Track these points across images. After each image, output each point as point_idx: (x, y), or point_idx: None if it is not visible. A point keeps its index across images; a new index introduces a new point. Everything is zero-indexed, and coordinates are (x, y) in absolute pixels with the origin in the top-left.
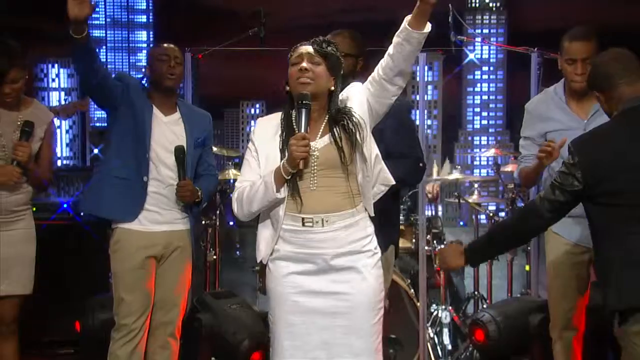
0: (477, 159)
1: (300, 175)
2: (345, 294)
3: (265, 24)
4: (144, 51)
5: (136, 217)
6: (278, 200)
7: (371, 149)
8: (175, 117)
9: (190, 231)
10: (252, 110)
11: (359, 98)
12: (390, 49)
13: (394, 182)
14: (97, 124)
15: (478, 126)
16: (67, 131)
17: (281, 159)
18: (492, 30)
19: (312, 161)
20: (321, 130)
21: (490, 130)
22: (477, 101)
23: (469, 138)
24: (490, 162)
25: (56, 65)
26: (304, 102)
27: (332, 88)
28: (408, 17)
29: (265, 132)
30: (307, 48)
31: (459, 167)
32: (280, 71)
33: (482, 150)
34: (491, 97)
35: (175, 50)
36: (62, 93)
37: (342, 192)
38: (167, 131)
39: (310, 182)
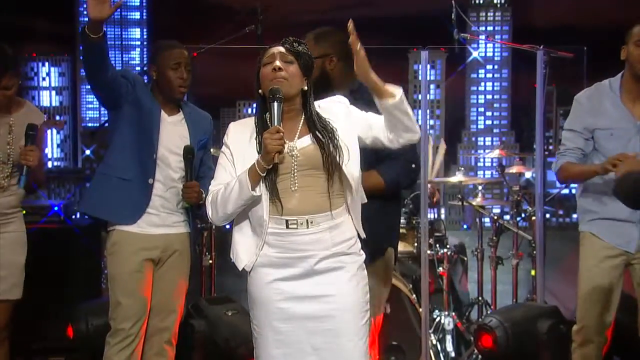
0: (481, 160)
1: (281, 176)
2: (331, 296)
3: (262, 21)
4: (138, 49)
5: (135, 221)
6: (254, 199)
7: (353, 174)
8: (178, 117)
9: (190, 235)
10: (249, 111)
11: (348, 122)
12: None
13: (365, 201)
14: (89, 124)
15: (482, 126)
16: (58, 132)
17: None
18: (496, 28)
19: (292, 161)
20: (299, 130)
21: (495, 130)
22: (481, 100)
23: (473, 139)
24: (494, 164)
25: (47, 64)
26: (276, 95)
27: (306, 88)
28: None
29: (241, 136)
30: (279, 48)
31: (462, 168)
32: None
33: (486, 151)
34: (495, 97)
35: (186, 53)
36: (53, 92)
37: (324, 193)
38: (172, 132)
39: (290, 183)
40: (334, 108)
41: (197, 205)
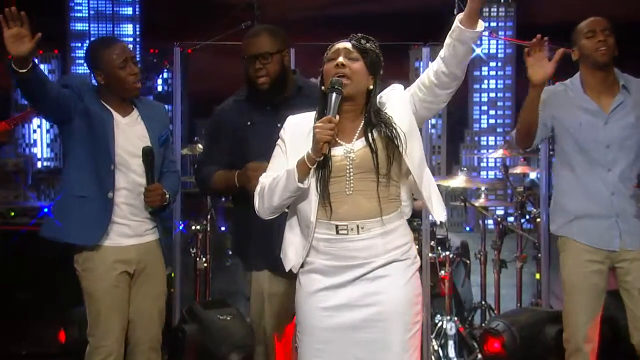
0: (484, 160)
1: (334, 178)
2: (378, 305)
3: (259, 17)
4: (130, 46)
5: (98, 240)
6: (300, 191)
7: (413, 160)
8: (133, 116)
9: (160, 240)
10: None
11: (401, 105)
12: (442, 52)
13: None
14: None
15: (485, 125)
16: (47, 131)
17: None
18: (500, 24)
19: (347, 164)
20: (358, 132)
21: (498, 129)
22: (484, 99)
23: (476, 138)
24: (498, 164)
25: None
26: (335, 86)
27: (371, 87)
28: (459, 16)
29: (298, 129)
30: (345, 44)
31: (465, 169)
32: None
33: (490, 151)
34: (499, 95)
35: (127, 48)
36: None
37: (380, 197)
38: (130, 134)
39: (346, 186)
40: (390, 97)
41: (162, 207)
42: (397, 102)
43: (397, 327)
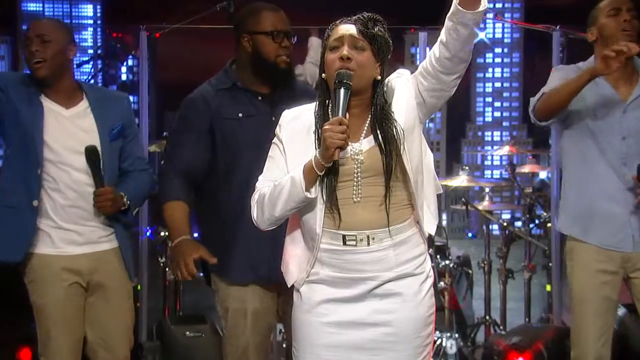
0: (489, 158)
1: (341, 183)
2: (388, 326)
3: None
4: (90, 29)
5: (22, 255)
6: (307, 201)
7: (412, 159)
8: (80, 107)
9: (120, 249)
10: None
11: (405, 96)
12: (443, 36)
13: (440, 191)
14: None
15: (490, 119)
16: None
17: None
18: (506, 5)
19: (355, 167)
20: (365, 129)
21: (505, 124)
22: (489, 89)
23: (479, 133)
24: (504, 162)
25: None
26: (344, 81)
27: (378, 77)
28: None
29: (296, 126)
30: (350, 29)
31: (467, 168)
32: None
33: (495, 147)
34: (505, 85)
35: (41, 24)
36: None
37: (391, 204)
38: (72, 127)
39: (353, 193)
40: (396, 86)
41: (123, 212)
42: (402, 93)
43: (407, 351)
